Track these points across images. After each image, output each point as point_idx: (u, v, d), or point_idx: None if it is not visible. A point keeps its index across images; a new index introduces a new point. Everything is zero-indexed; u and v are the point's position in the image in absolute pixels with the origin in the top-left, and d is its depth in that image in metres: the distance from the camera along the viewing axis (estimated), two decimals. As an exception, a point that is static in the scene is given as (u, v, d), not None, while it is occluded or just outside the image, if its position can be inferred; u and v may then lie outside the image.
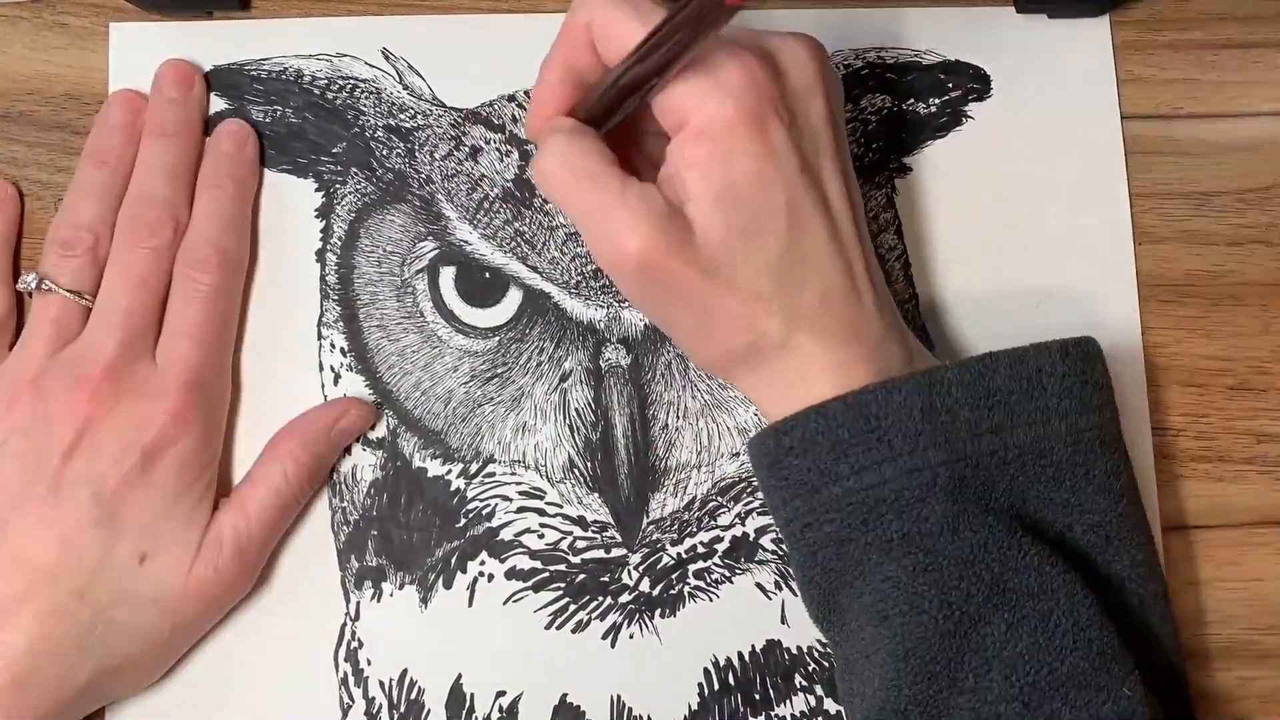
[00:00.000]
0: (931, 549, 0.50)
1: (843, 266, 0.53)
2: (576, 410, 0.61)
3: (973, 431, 0.52)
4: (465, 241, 0.62)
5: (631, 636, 0.60)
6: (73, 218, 0.60)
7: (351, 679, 0.59)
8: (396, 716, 0.59)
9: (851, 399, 0.51)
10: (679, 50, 0.50)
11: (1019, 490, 0.52)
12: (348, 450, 0.61)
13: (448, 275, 0.62)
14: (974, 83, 0.64)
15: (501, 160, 0.62)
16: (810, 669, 0.59)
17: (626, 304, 0.61)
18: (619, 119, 0.54)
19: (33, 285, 0.59)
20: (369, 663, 0.59)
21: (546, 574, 0.60)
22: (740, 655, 0.59)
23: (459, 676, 0.59)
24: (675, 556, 0.60)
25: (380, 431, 0.61)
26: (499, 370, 0.61)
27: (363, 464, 0.61)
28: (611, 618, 0.60)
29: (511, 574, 0.60)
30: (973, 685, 0.50)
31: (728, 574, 0.60)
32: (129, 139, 0.61)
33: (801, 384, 0.53)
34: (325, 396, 0.61)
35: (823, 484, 0.51)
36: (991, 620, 0.50)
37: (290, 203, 0.63)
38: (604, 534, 0.60)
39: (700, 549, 0.60)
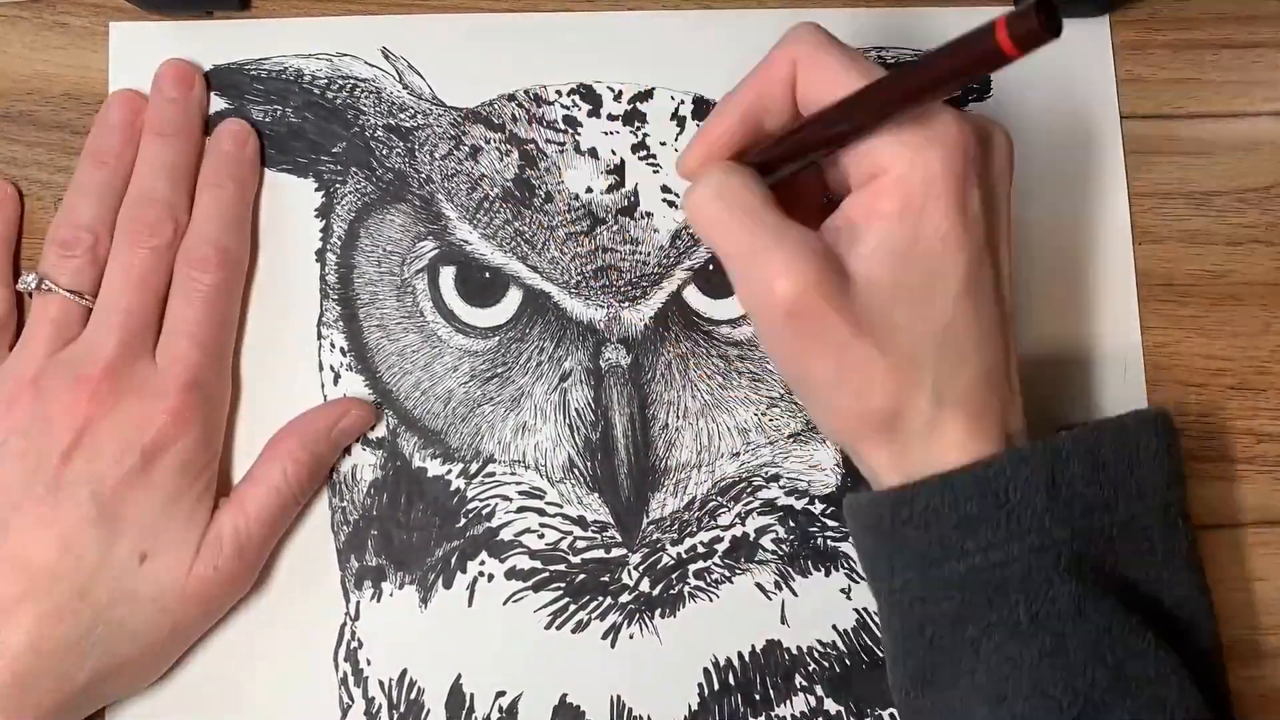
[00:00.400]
0: (1059, 632, 0.49)
1: (1003, 349, 0.52)
2: (576, 410, 0.61)
3: (1087, 506, 0.50)
4: (465, 241, 0.62)
5: (631, 636, 0.60)
6: (72, 218, 0.60)
7: (351, 679, 0.59)
8: (396, 716, 0.59)
9: (981, 473, 0.50)
10: (913, 100, 0.48)
11: (1120, 567, 0.51)
12: (348, 450, 0.61)
13: (448, 275, 0.62)
14: (973, 82, 0.64)
15: (501, 160, 0.62)
16: (810, 669, 0.59)
17: (626, 304, 0.61)
18: (791, 171, 0.53)
19: (33, 285, 0.59)
20: (369, 663, 0.59)
21: (546, 574, 0.60)
22: (740, 655, 0.59)
23: (459, 676, 0.59)
24: (675, 556, 0.60)
25: (380, 431, 0.61)
26: (499, 370, 0.61)
27: (363, 464, 0.61)
28: (611, 618, 0.60)
29: (511, 574, 0.60)
30: None
31: (728, 574, 0.60)
32: (128, 139, 0.61)
33: (931, 462, 0.51)
34: (325, 396, 0.61)
35: (945, 559, 0.50)
36: (1114, 707, 0.48)
37: (290, 202, 0.63)
38: (604, 534, 0.60)
39: (700, 549, 0.60)
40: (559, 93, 0.63)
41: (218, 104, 0.63)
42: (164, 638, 0.57)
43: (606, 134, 0.63)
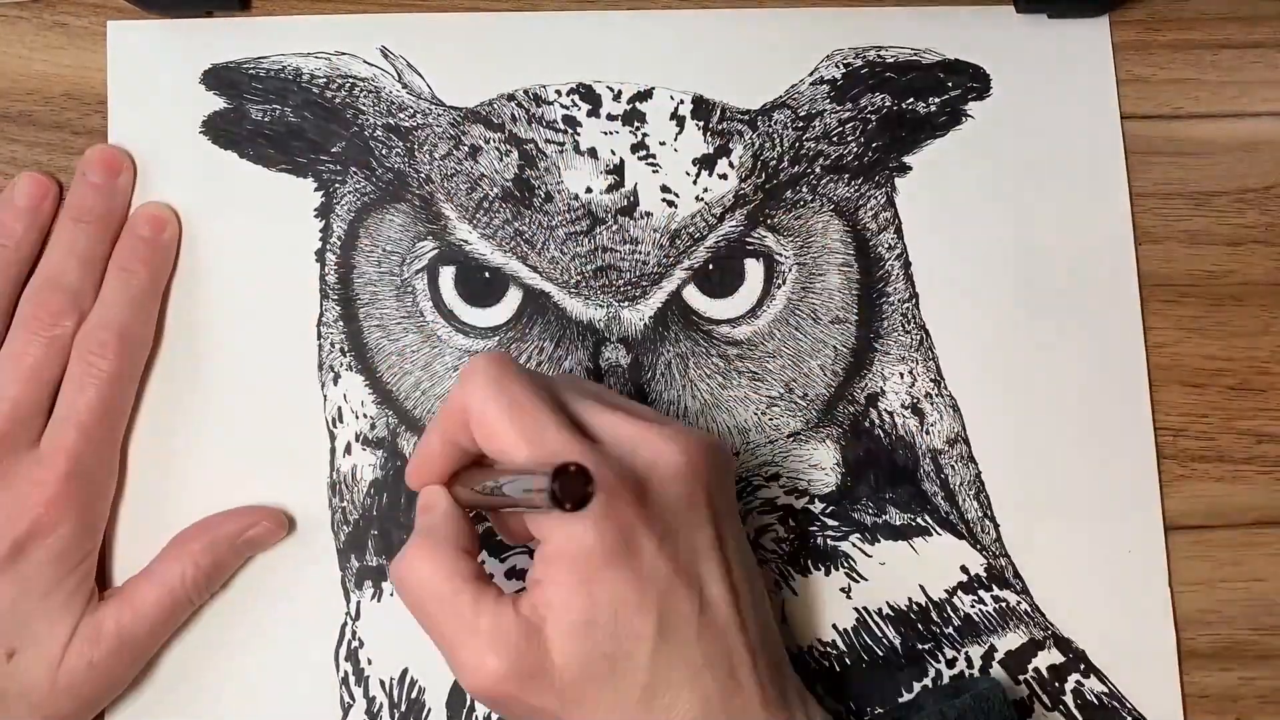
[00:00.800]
0: None
1: (723, 674, 0.50)
2: (576, 410, 0.61)
3: None
4: (465, 241, 0.62)
5: (631, 636, 0.59)
6: None
7: (352, 678, 0.59)
8: (397, 716, 0.59)
9: None
10: (531, 505, 0.48)
11: None
12: (348, 450, 0.61)
13: (447, 275, 0.62)
14: (973, 82, 0.64)
15: (501, 160, 0.62)
16: (810, 668, 0.59)
17: (626, 304, 0.61)
18: (493, 510, 0.54)
19: None
20: (370, 662, 0.59)
21: (546, 574, 0.60)
22: (740, 655, 0.59)
23: (459, 676, 0.59)
24: (675, 556, 0.60)
25: (380, 431, 0.61)
26: (499, 370, 0.61)
27: (363, 464, 0.61)
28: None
29: (511, 574, 0.60)
30: None
31: (728, 574, 0.60)
32: (31, 223, 0.60)
33: None
34: (325, 396, 0.61)
35: None
36: None
37: (289, 202, 0.63)
38: (604, 534, 0.60)
39: (700, 549, 0.60)
40: (558, 92, 0.63)
41: (217, 103, 0.63)
42: None
43: (606, 134, 0.63)
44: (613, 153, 0.63)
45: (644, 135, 0.63)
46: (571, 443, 0.48)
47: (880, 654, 0.59)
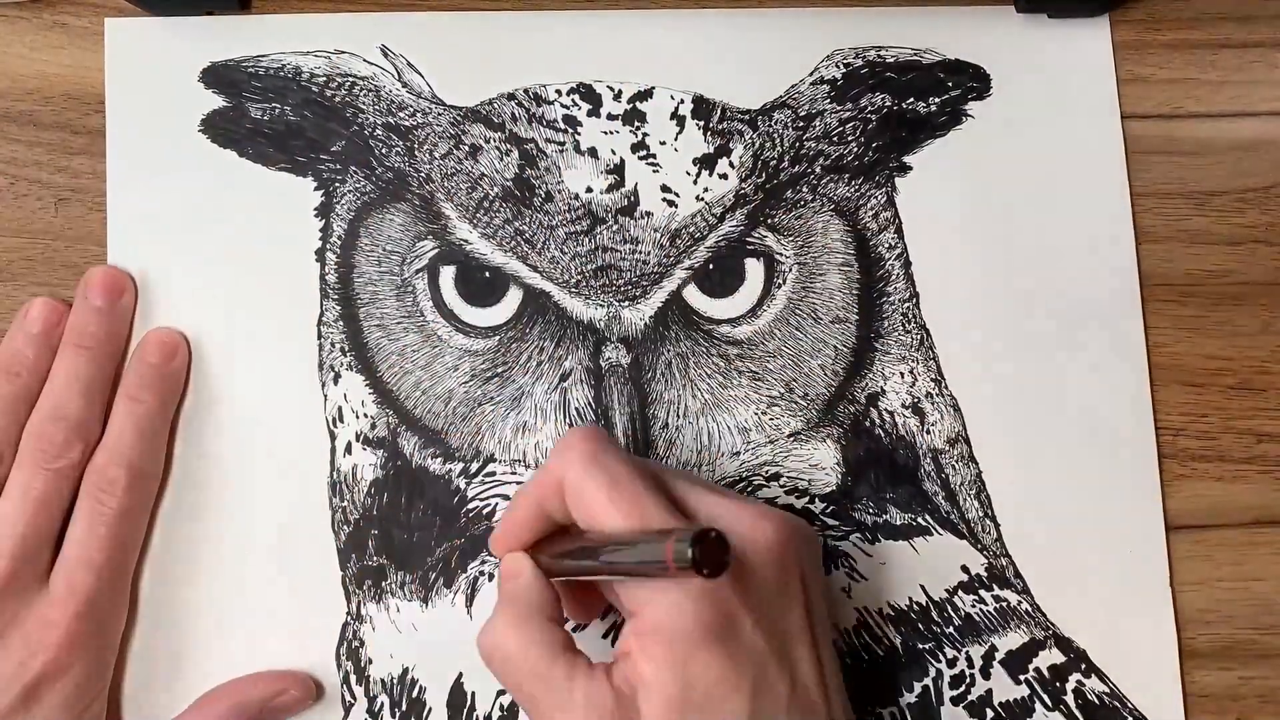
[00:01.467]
0: None
1: None
2: (577, 409, 0.61)
3: None
4: (465, 240, 0.62)
5: (632, 636, 0.59)
6: None
7: (353, 677, 0.59)
8: (398, 715, 0.59)
9: None
10: (644, 573, 0.48)
11: None
12: (349, 450, 0.61)
13: (448, 274, 0.62)
14: (973, 82, 0.64)
15: (501, 159, 0.62)
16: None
17: (626, 303, 0.61)
18: (581, 580, 0.54)
19: None
20: (370, 661, 0.59)
21: (547, 573, 0.60)
22: (740, 654, 0.59)
23: (460, 675, 0.59)
24: (675, 556, 0.60)
25: (381, 431, 0.61)
26: (499, 369, 0.61)
27: (363, 463, 0.61)
28: (611, 617, 0.59)
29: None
30: None
31: (728, 573, 0.60)
32: (45, 348, 0.59)
33: None
34: (325, 395, 0.61)
35: None
36: None
37: (289, 202, 0.63)
38: (604, 533, 0.60)
39: (700, 548, 0.60)
40: (559, 92, 0.63)
41: (215, 101, 0.63)
42: None
43: (606, 133, 0.63)
44: (613, 152, 0.63)
45: (644, 135, 0.63)
46: (670, 519, 0.49)
47: (881, 654, 0.60)
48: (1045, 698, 0.59)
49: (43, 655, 0.54)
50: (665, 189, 0.62)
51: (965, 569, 0.60)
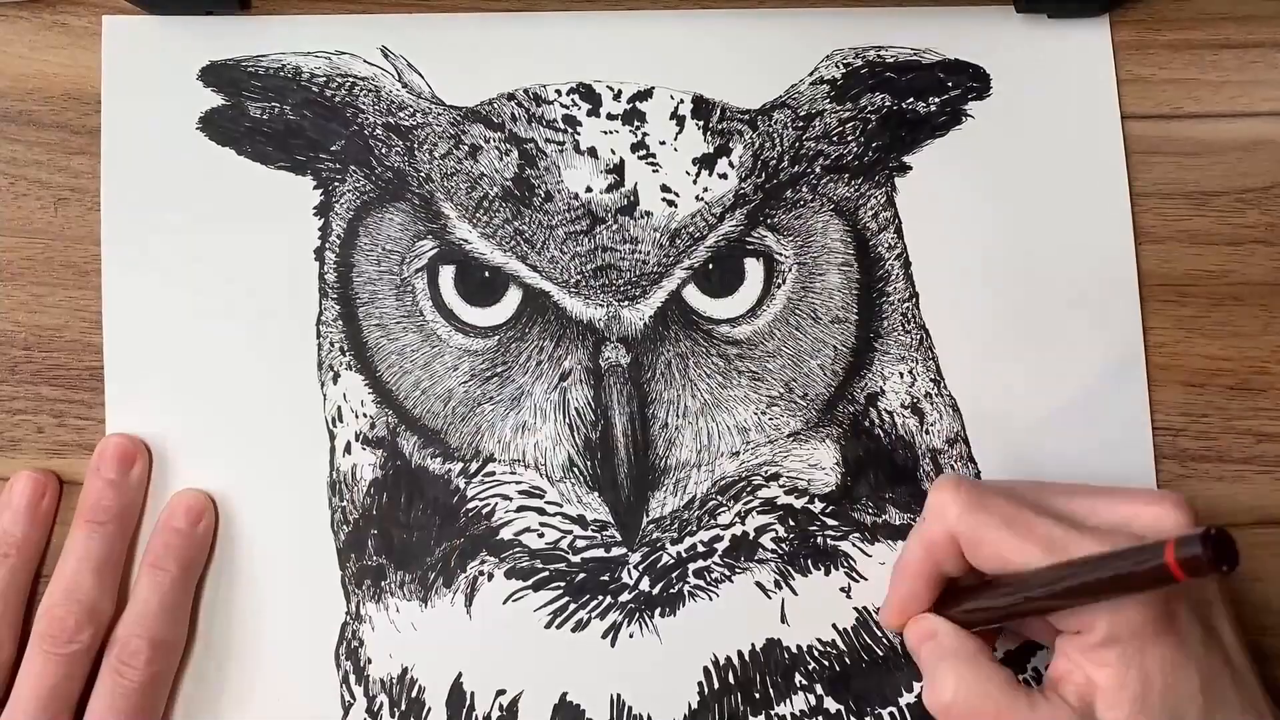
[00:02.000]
0: None
1: (1255, 717, 0.52)
2: (576, 409, 0.61)
3: None
4: (464, 240, 0.62)
5: (631, 635, 0.60)
6: None
7: (352, 677, 0.59)
8: (398, 715, 0.59)
9: None
10: (1108, 593, 0.49)
11: None
12: (348, 449, 0.61)
13: (447, 274, 0.62)
14: (973, 81, 0.64)
15: (501, 159, 0.62)
16: (810, 668, 0.59)
17: (626, 303, 0.61)
18: (1002, 625, 0.54)
19: None
20: (369, 661, 0.59)
21: (546, 573, 0.60)
22: (740, 654, 0.59)
23: (459, 675, 0.59)
24: (675, 555, 0.60)
25: (380, 431, 0.61)
26: (499, 369, 0.61)
27: (362, 463, 0.61)
28: (611, 617, 0.59)
29: (511, 573, 0.60)
30: None
31: (727, 573, 0.60)
32: (32, 524, 0.59)
33: None
34: (324, 395, 0.61)
35: None
36: None
37: (289, 201, 0.63)
38: (604, 533, 0.60)
39: (700, 548, 0.60)
40: (558, 92, 0.63)
41: (214, 100, 0.63)
42: None
43: (606, 133, 0.63)
44: (613, 152, 0.63)
45: (644, 135, 0.63)
46: (1074, 536, 0.50)
47: (880, 653, 0.60)
48: (1045, 698, 0.59)
49: None
50: (665, 189, 0.62)
51: (965, 569, 0.60)
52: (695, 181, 0.62)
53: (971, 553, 0.53)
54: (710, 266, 0.62)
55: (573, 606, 0.60)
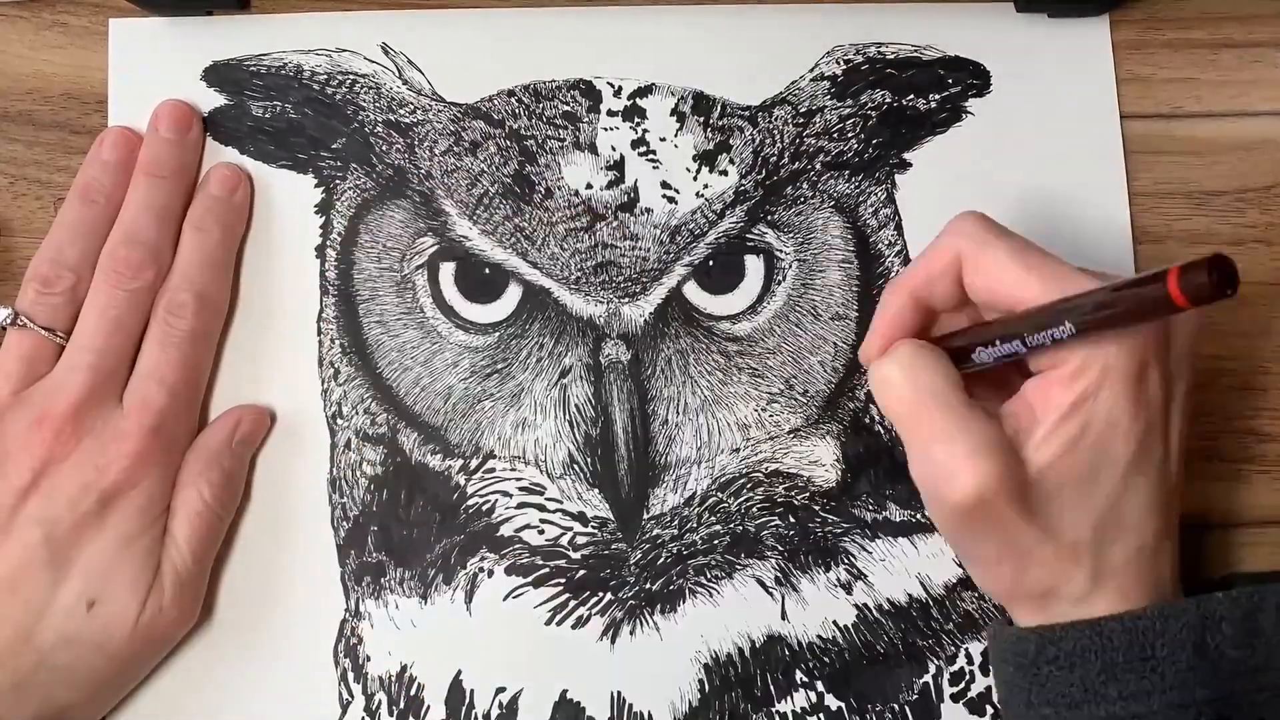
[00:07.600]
0: None
1: (1159, 527, 0.52)
2: (576, 406, 0.61)
3: (1235, 670, 0.50)
4: (465, 237, 0.62)
5: (632, 632, 0.59)
6: (56, 255, 0.59)
7: (351, 674, 0.59)
8: (396, 712, 0.59)
9: (1130, 623, 0.50)
10: (1110, 324, 0.48)
11: None
12: (348, 446, 0.61)
13: (447, 271, 0.62)
14: (973, 79, 0.64)
15: (501, 156, 0.62)
16: (810, 665, 0.59)
17: (626, 300, 0.61)
18: (982, 369, 0.53)
19: (6, 321, 0.58)
20: (369, 658, 0.59)
21: (546, 570, 0.60)
22: (740, 651, 0.59)
23: (459, 672, 0.59)
24: (675, 552, 0.60)
25: (380, 428, 0.61)
26: (499, 366, 0.61)
27: (363, 460, 0.61)
28: (611, 613, 0.59)
29: (511, 570, 0.60)
30: None
31: (728, 570, 0.60)
32: (119, 178, 0.61)
33: (1078, 617, 0.51)
34: (325, 393, 0.61)
35: (1084, 702, 0.50)
36: None
37: (290, 198, 0.63)
38: (604, 530, 0.60)
39: (700, 544, 0.60)
40: (559, 88, 0.63)
41: (217, 100, 0.63)
42: (108, 680, 0.57)
43: (606, 130, 0.63)
44: (613, 149, 0.63)
45: (644, 131, 0.63)
46: (1076, 276, 0.50)
47: (880, 650, 0.59)
48: (1046, 695, 0.59)
49: (117, 465, 0.56)
50: (665, 185, 0.62)
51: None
52: (696, 178, 0.62)
53: (971, 277, 0.52)
54: (710, 263, 0.62)
55: (573, 603, 0.60)
